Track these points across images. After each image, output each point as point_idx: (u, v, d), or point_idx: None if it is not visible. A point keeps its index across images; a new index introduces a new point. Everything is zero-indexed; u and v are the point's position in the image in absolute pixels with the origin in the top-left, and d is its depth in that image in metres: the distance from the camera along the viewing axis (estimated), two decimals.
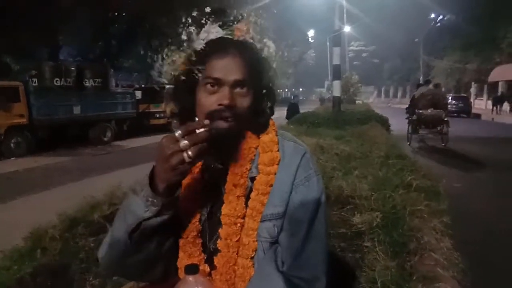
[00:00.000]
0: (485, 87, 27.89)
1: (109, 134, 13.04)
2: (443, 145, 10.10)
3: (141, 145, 12.09)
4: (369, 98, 43.44)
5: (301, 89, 57.73)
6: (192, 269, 0.93)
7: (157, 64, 0.94)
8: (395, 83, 47.23)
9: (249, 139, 0.97)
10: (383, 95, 50.08)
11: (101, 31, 17.95)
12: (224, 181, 0.97)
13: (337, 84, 10.63)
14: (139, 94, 14.58)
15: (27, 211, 4.89)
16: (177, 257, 0.99)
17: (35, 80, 11.47)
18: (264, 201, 0.94)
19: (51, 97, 11.22)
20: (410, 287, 1.47)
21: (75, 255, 1.65)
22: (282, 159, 0.97)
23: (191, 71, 0.91)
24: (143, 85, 15.01)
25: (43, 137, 11.13)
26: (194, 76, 0.91)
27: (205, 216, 0.99)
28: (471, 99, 27.51)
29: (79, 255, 1.65)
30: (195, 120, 0.91)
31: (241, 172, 0.95)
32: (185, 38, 0.92)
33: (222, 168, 0.97)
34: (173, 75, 0.94)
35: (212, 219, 0.99)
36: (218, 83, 0.89)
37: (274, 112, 1.03)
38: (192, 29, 0.92)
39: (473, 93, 29.81)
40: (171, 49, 0.94)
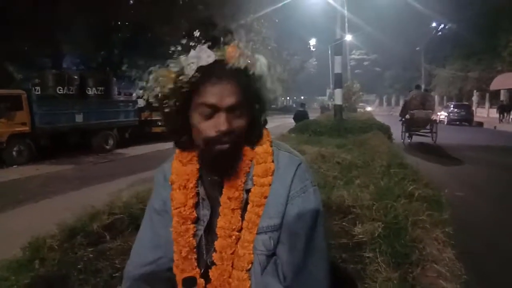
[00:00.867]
0: (487, 95, 27.89)
1: (111, 142, 13.08)
2: (433, 142, 11.49)
3: (143, 153, 12.11)
4: (371, 106, 43.47)
5: (303, 97, 57.85)
6: (190, 282, 0.92)
7: (141, 81, 0.92)
8: (396, 91, 47.25)
9: (244, 152, 0.97)
10: (384, 103, 50.16)
11: (103, 40, 18.08)
12: (221, 193, 0.96)
13: (338, 92, 10.66)
14: (141, 102, 14.63)
15: (27, 220, 4.88)
16: None
17: (38, 88, 11.56)
18: (259, 212, 0.93)
19: (53, 105, 11.28)
20: None
21: (73, 265, 1.63)
22: (277, 170, 0.96)
23: (182, 92, 0.88)
24: None
25: (45, 145, 11.17)
26: (185, 98, 0.89)
27: (202, 230, 0.98)
28: (473, 107, 27.48)
29: (77, 265, 1.64)
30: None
31: (236, 185, 0.94)
32: (178, 49, 0.89)
33: (218, 180, 0.97)
34: (160, 93, 0.89)
35: (210, 232, 0.98)
36: (213, 108, 0.88)
37: (267, 121, 1.02)
38: (184, 41, 0.88)
39: (475, 102, 29.80)
40: (154, 66, 0.90)
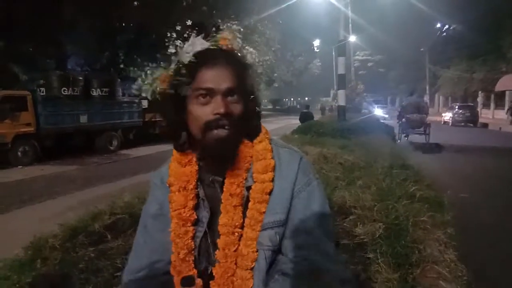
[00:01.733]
0: (492, 96, 27.70)
1: (115, 143, 13.12)
2: (426, 141, 12.42)
3: (147, 153, 12.14)
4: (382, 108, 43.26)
5: (307, 98, 57.79)
6: (188, 281, 0.93)
7: (139, 80, 0.94)
8: (401, 92, 47.06)
9: (244, 148, 0.97)
10: (389, 104, 49.91)
11: (107, 41, 18.13)
12: (221, 192, 0.97)
13: (342, 93, 10.67)
14: (145, 103, 14.67)
15: (31, 220, 4.91)
16: None
17: (42, 89, 11.60)
18: (261, 209, 0.93)
19: (58, 106, 11.32)
20: None
21: (75, 265, 1.65)
22: (279, 166, 0.97)
23: (180, 85, 0.90)
24: None
25: (49, 145, 11.20)
26: (182, 90, 0.91)
27: (202, 232, 0.99)
28: (478, 108, 27.29)
29: (79, 265, 1.65)
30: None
31: (237, 181, 0.95)
32: (173, 51, 0.92)
33: (219, 180, 0.97)
34: (158, 90, 0.92)
35: (210, 232, 0.98)
36: (210, 93, 0.89)
37: (260, 116, 1.02)
38: (178, 43, 0.92)
39: (480, 103, 29.60)
40: (152, 66, 0.94)
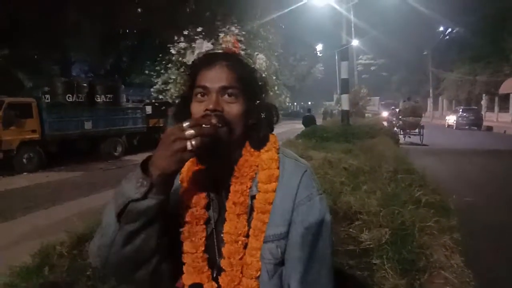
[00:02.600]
0: (496, 99, 27.56)
1: (119, 148, 13.16)
2: (420, 142, 14.10)
3: None
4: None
5: (310, 103, 57.70)
6: None
7: (158, 83, 0.99)
8: (404, 95, 46.97)
9: (250, 157, 0.96)
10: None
11: (111, 47, 18.26)
12: (227, 197, 0.96)
13: (345, 98, 10.66)
14: (149, 109, 14.74)
15: (37, 226, 4.93)
16: (168, 263, 0.95)
17: (47, 96, 11.69)
18: (265, 219, 0.92)
19: (63, 113, 11.41)
20: None
21: (82, 272, 1.65)
22: (282, 177, 0.95)
23: (190, 87, 0.96)
24: (153, 100, 15.16)
25: (54, 152, 11.26)
26: (186, 91, 0.96)
27: (209, 232, 0.98)
28: (482, 111, 27.15)
29: (86, 272, 1.66)
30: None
31: (242, 190, 0.94)
32: (174, 52, 0.97)
33: (225, 185, 0.97)
34: (178, 93, 1.00)
35: (218, 236, 0.98)
36: (205, 91, 0.91)
37: (273, 128, 1.01)
38: (182, 45, 0.97)
39: (484, 106, 29.44)
40: (162, 65, 0.99)
